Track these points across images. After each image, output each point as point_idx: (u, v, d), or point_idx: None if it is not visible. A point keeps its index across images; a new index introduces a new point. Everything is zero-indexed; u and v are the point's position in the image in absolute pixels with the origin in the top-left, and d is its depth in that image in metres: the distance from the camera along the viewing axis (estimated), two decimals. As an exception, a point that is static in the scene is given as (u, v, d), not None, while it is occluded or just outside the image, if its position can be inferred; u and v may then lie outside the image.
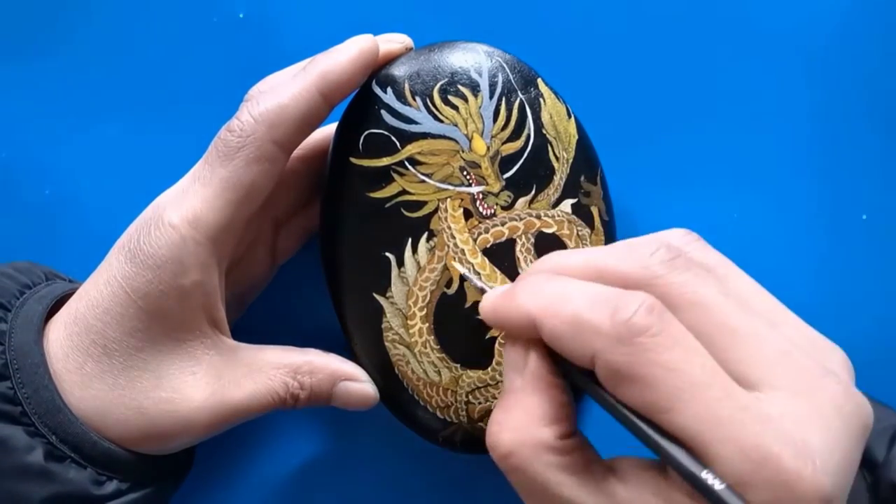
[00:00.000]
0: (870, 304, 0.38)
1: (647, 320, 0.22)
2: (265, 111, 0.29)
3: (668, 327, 0.22)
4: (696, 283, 0.24)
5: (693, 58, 0.39)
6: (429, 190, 0.32)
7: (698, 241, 0.26)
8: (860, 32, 0.39)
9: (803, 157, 0.39)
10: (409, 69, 0.32)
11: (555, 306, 0.24)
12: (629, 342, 0.22)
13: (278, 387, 0.31)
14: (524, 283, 0.26)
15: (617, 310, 0.22)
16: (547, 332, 0.24)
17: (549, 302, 0.24)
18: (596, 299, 0.23)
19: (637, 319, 0.22)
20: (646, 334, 0.22)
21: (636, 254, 0.24)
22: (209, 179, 0.29)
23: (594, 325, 0.23)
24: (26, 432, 0.28)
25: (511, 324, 0.26)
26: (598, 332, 0.23)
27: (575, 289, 0.24)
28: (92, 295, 0.30)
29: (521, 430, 0.24)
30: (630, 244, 0.25)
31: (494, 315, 0.27)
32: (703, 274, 0.24)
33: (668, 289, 0.23)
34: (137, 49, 0.39)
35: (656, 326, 0.22)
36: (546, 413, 0.24)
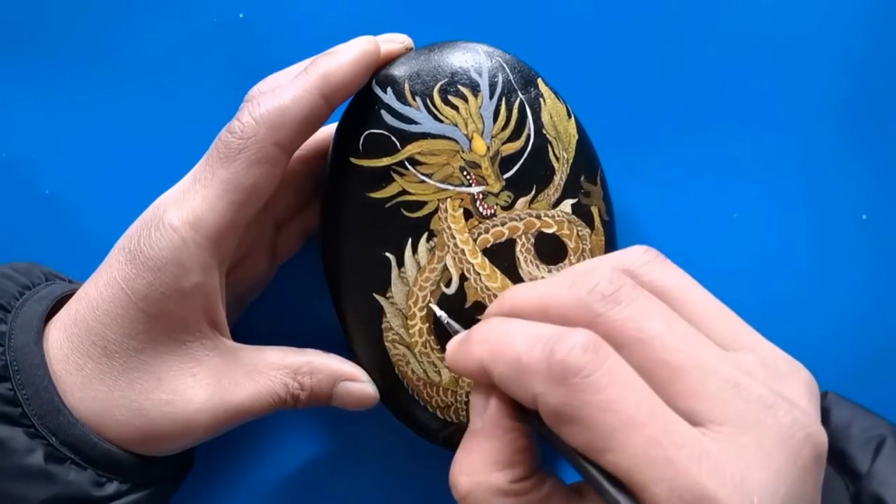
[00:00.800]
0: (869, 303, 0.38)
1: (581, 360, 0.22)
2: (266, 112, 0.29)
3: (603, 365, 0.22)
4: (640, 318, 0.23)
5: (693, 58, 0.39)
6: (429, 190, 0.32)
7: (657, 258, 0.26)
8: (860, 33, 0.39)
9: (803, 156, 0.39)
10: (409, 69, 0.32)
11: (499, 350, 0.24)
12: (563, 383, 0.22)
13: (278, 387, 0.31)
14: (477, 329, 0.26)
15: (552, 351, 0.22)
16: (496, 377, 0.24)
17: (494, 346, 0.24)
18: (536, 340, 0.23)
19: (570, 359, 0.22)
20: (580, 374, 0.22)
21: (577, 288, 0.24)
22: (210, 181, 0.29)
23: (533, 366, 0.23)
24: (26, 434, 0.28)
25: (466, 372, 0.26)
26: (536, 374, 0.23)
27: (517, 330, 0.24)
28: (92, 296, 0.30)
29: (476, 475, 0.25)
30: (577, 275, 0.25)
31: (453, 363, 0.27)
32: (648, 305, 0.24)
33: (610, 326, 0.23)
34: (138, 49, 0.39)
35: (589, 366, 0.22)
36: (500, 458, 0.25)
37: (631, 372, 0.22)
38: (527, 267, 0.33)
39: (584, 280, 0.24)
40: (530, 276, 0.33)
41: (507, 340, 0.24)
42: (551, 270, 0.33)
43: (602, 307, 0.23)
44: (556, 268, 0.33)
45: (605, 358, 0.22)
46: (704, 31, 0.39)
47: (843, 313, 0.38)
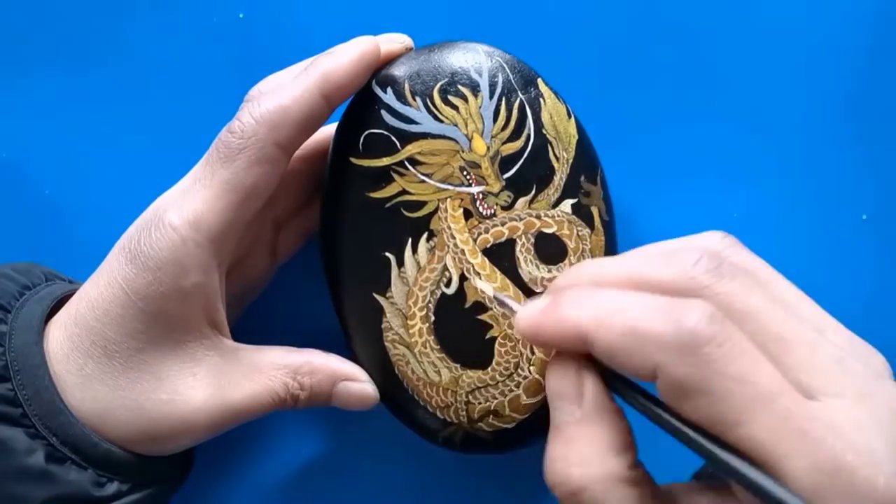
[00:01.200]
0: (870, 303, 0.38)
1: (711, 329, 0.21)
2: (266, 112, 0.29)
3: (733, 336, 0.21)
4: (744, 292, 0.23)
5: (693, 58, 0.39)
6: (429, 190, 0.32)
7: (736, 244, 0.25)
8: (860, 33, 0.39)
9: (803, 156, 0.39)
10: (409, 69, 0.32)
11: (608, 318, 0.23)
12: (695, 353, 0.21)
13: (278, 387, 0.31)
14: (568, 296, 0.24)
15: (679, 319, 0.21)
16: (601, 346, 0.23)
17: (601, 314, 0.23)
18: (654, 309, 0.22)
19: (701, 328, 0.21)
20: (711, 344, 0.21)
21: (679, 262, 0.23)
22: (210, 181, 0.29)
23: (655, 335, 0.22)
24: (27, 434, 0.28)
25: (557, 340, 0.24)
26: (659, 344, 0.21)
27: (628, 298, 0.23)
28: (92, 296, 0.30)
29: (594, 465, 0.23)
30: (668, 252, 0.24)
31: (536, 331, 0.25)
32: (749, 281, 0.23)
33: (717, 299, 0.22)
34: (137, 49, 0.39)
35: (720, 335, 0.21)
36: (616, 443, 0.23)
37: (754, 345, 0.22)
38: (527, 267, 0.33)
39: (683, 255, 0.23)
40: (530, 276, 0.33)
41: (618, 307, 0.23)
42: (551, 270, 0.33)
43: (708, 279, 0.23)
44: (556, 268, 0.33)
45: (733, 329, 0.22)
46: (704, 31, 0.39)
47: (843, 313, 0.38)
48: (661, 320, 0.22)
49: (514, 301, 0.30)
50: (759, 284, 0.23)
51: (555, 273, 0.33)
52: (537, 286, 0.33)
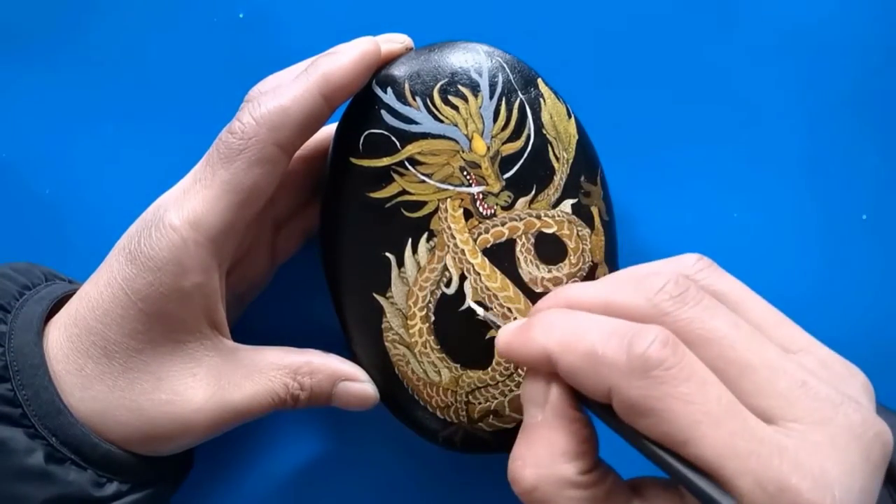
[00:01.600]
0: (870, 304, 0.38)
1: (662, 353, 0.22)
2: (266, 113, 0.29)
3: (683, 360, 0.22)
4: (707, 318, 0.23)
5: (693, 58, 0.39)
6: (429, 190, 0.32)
7: (710, 266, 0.26)
8: (859, 33, 0.39)
9: (803, 157, 0.39)
10: (410, 69, 0.32)
11: (570, 341, 0.24)
12: (645, 376, 0.22)
13: (278, 388, 0.31)
14: (538, 319, 0.26)
15: (632, 344, 0.23)
16: (563, 368, 0.24)
17: (565, 337, 0.24)
18: (611, 334, 0.23)
19: (652, 353, 0.22)
20: (661, 367, 0.22)
21: (645, 289, 0.24)
22: (210, 181, 0.29)
23: (609, 359, 0.23)
24: (26, 434, 0.28)
25: (526, 360, 0.26)
26: (613, 367, 0.23)
27: (590, 323, 0.24)
28: (92, 296, 0.30)
29: (544, 467, 0.24)
30: (640, 277, 0.25)
31: (508, 350, 0.26)
32: (714, 306, 0.24)
33: (678, 325, 0.23)
34: (138, 49, 0.39)
35: (671, 359, 0.22)
36: (568, 448, 0.24)
37: (707, 369, 0.23)
38: (527, 267, 0.33)
39: (649, 281, 0.25)
40: (530, 276, 0.33)
41: (580, 331, 0.24)
42: (551, 270, 0.33)
43: (670, 306, 0.24)
44: (556, 268, 0.33)
45: (684, 353, 0.23)
46: (704, 31, 0.39)
47: (843, 313, 0.38)
48: (615, 345, 0.23)
49: (500, 320, 0.32)
50: (723, 309, 0.24)
51: (555, 273, 0.33)
52: (537, 286, 0.33)
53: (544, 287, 0.33)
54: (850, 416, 0.22)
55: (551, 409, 0.25)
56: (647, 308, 0.24)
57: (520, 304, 0.32)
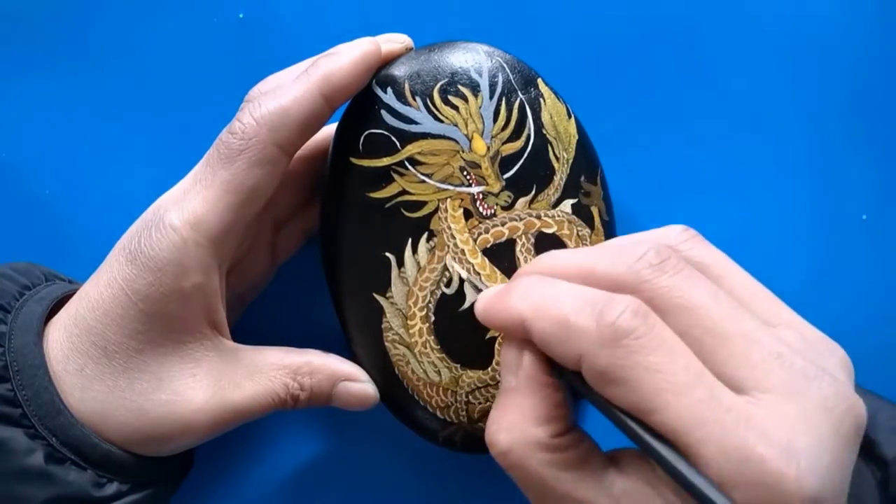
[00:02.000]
0: (870, 303, 0.38)
1: (632, 323, 0.23)
2: (267, 114, 0.29)
3: (653, 330, 0.23)
4: (686, 287, 0.24)
5: (693, 58, 0.39)
6: (429, 190, 0.32)
7: (695, 237, 0.26)
8: (860, 32, 0.39)
9: (803, 156, 0.39)
10: (410, 69, 0.32)
11: (544, 308, 0.24)
12: (613, 345, 0.22)
13: (278, 388, 0.31)
14: (516, 284, 0.26)
15: (602, 313, 0.23)
16: (536, 334, 0.25)
17: (539, 304, 0.25)
18: (583, 302, 0.24)
19: (621, 322, 0.23)
20: (630, 336, 0.22)
21: (625, 256, 0.25)
22: (210, 181, 0.29)
23: (580, 327, 0.23)
24: (26, 434, 0.28)
25: (502, 324, 0.26)
26: (583, 335, 0.23)
27: (563, 291, 0.25)
28: (92, 296, 0.30)
29: (516, 430, 0.25)
30: (621, 245, 0.26)
31: (486, 314, 0.27)
32: (694, 276, 0.24)
33: (656, 293, 0.24)
34: (138, 49, 0.39)
35: (640, 329, 0.22)
36: (540, 413, 0.25)
37: (677, 338, 0.23)
38: (527, 267, 0.33)
39: (630, 250, 0.25)
40: (530, 276, 0.33)
41: (554, 299, 0.24)
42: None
43: (649, 274, 0.24)
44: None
45: (654, 323, 0.23)
46: (704, 31, 0.39)
47: (843, 313, 0.38)
48: (587, 314, 0.23)
49: (482, 283, 0.32)
50: (703, 279, 0.24)
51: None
52: (537, 286, 0.33)
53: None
54: (824, 390, 0.22)
55: (524, 375, 0.26)
56: (626, 275, 0.24)
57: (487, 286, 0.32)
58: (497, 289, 0.27)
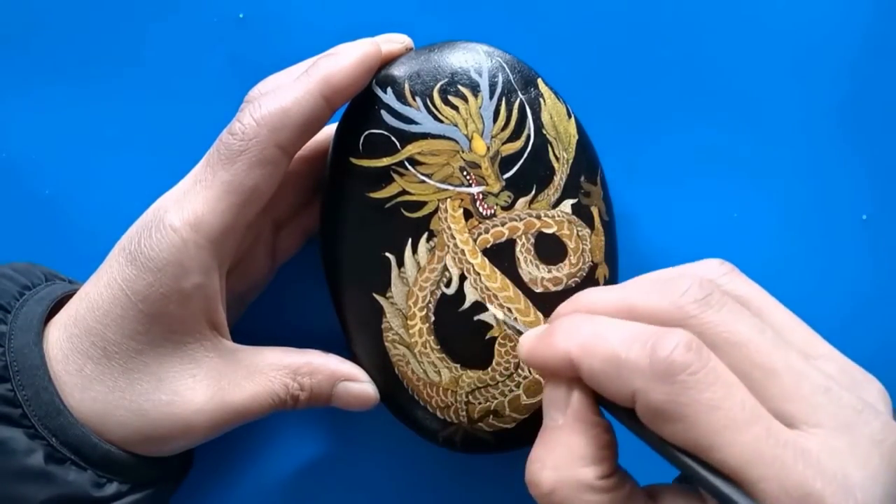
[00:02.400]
0: (870, 303, 0.38)
1: (686, 357, 0.22)
2: (267, 114, 0.29)
3: (707, 364, 0.22)
4: (731, 321, 0.23)
5: (693, 58, 0.39)
6: (429, 190, 0.32)
7: (733, 271, 0.26)
8: (859, 32, 0.39)
9: (803, 156, 0.39)
10: (409, 69, 0.32)
11: (592, 346, 0.24)
12: (669, 380, 0.22)
13: (278, 388, 0.31)
14: (560, 324, 0.26)
15: (655, 348, 0.22)
16: (586, 372, 0.24)
17: (587, 342, 0.24)
18: (634, 338, 0.23)
19: (676, 357, 0.22)
20: (685, 372, 0.22)
21: (669, 292, 0.24)
22: (211, 182, 0.29)
23: (633, 363, 0.23)
24: (26, 434, 0.28)
25: (549, 365, 0.26)
26: (637, 371, 0.23)
27: (612, 328, 0.24)
28: (92, 297, 0.30)
29: (563, 470, 0.24)
30: (662, 280, 0.25)
31: (531, 357, 0.26)
32: (738, 310, 0.24)
33: (703, 328, 0.23)
34: (137, 49, 0.39)
35: (695, 364, 0.22)
36: (588, 453, 0.24)
37: (730, 373, 0.23)
38: (527, 267, 0.33)
39: (673, 284, 0.24)
40: (530, 276, 0.33)
41: (601, 336, 0.24)
42: (551, 270, 0.33)
43: (695, 309, 0.24)
44: (555, 268, 0.33)
45: (709, 357, 0.22)
46: (704, 32, 0.39)
47: (843, 313, 0.38)
48: (639, 349, 0.23)
49: (523, 326, 0.32)
50: (749, 313, 0.24)
51: (555, 273, 0.33)
52: (537, 286, 0.33)
53: (544, 287, 0.33)
54: (871, 423, 0.22)
55: (572, 414, 0.25)
56: (671, 311, 0.24)
57: (520, 304, 0.32)
58: (538, 330, 0.27)
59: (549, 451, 0.25)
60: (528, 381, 0.32)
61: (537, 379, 0.32)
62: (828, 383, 0.23)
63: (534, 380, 0.32)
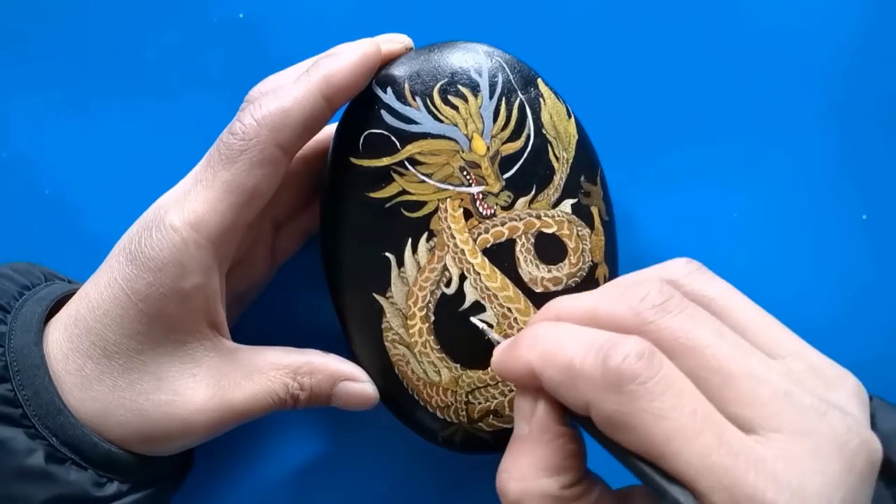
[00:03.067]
0: (870, 303, 0.38)
1: (637, 367, 0.22)
2: (268, 114, 0.29)
3: (658, 373, 0.22)
4: (689, 327, 0.23)
5: (693, 58, 0.39)
6: (429, 190, 0.32)
7: (699, 269, 0.26)
8: (858, 33, 0.39)
9: (803, 157, 0.39)
10: (409, 69, 0.32)
11: (550, 355, 0.24)
12: (619, 390, 0.22)
13: (278, 388, 0.31)
14: (524, 334, 0.26)
15: (607, 357, 0.23)
16: (545, 381, 0.24)
17: (546, 351, 0.24)
18: (589, 346, 0.23)
19: (626, 366, 0.22)
20: (635, 381, 0.22)
21: (628, 298, 0.24)
22: (211, 182, 0.29)
23: (586, 373, 0.23)
24: (27, 434, 0.28)
25: (514, 376, 0.26)
26: (589, 381, 0.23)
27: (568, 335, 0.24)
28: (92, 297, 0.30)
29: (527, 481, 0.25)
30: (624, 286, 0.25)
31: (500, 369, 0.27)
32: (698, 314, 0.24)
33: (660, 334, 0.23)
34: (137, 49, 0.39)
35: (645, 373, 0.22)
36: (551, 463, 0.25)
37: (685, 379, 0.22)
38: (527, 267, 0.33)
39: (633, 291, 0.24)
40: (530, 276, 0.33)
41: (559, 345, 0.24)
42: (551, 270, 0.33)
43: (652, 315, 0.24)
44: (555, 268, 0.33)
45: (660, 366, 0.22)
46: (704, 31, 0.39)
47: (842, 313, 0.38)
48: (591, 358, 0.23)
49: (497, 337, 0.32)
50: (707, 317, 0.24)
51: (555, 273, 0.33)
52: (537, 286, 0.33)
53: (544, 287, 0.33)
54: (835, 426, 0.22)
55: (537, 423, 0.25)
56: (630, 318, 0.24)
57: (520, 303, 0.32)
58: (508, 341, 0.27)
59: (514, 461, 0.25)
60: (528, 381, 0.32)
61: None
62: (789, 387, 0.22)
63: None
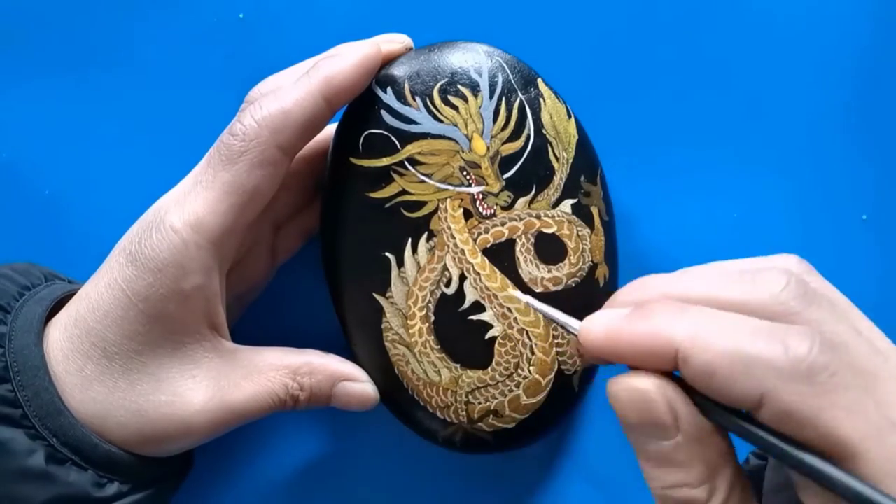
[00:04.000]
0: (870, 304, 0.38)
1: (825, 358, 0.20)
2: (268, 115, 0.29)
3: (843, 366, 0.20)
4: (832, 322, 0.22)
5: (693, 58, 0.39)
6: (429, 190, 0.32)
7: (813, 270, 0.24)
8: (859, 33, 0.39)
9: (803, 157, 0.39)
10: (409, 69, 0.32)
11: (707, 337, 0.21)
12: (808, 381, 0.20)
13: (278, 388, 0.31)
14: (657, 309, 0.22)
15: (789, 346, 0.20)
16: (697, 366, 0.21)
17: (699, 331, 0.21)
18: (756, 331, 0.21)
19: (815, 356, 0.20)
20: (825, 373, 0.20)
21: (765, 284, 0.22)
22: (211, 183, 0.29)
23: (765, 360, 0.20)
24: (27, 435, 0.28)
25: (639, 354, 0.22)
26: (770, 369, 0.20)
27: (729, 319, 0.21)
28: (92, 297, 0.30)
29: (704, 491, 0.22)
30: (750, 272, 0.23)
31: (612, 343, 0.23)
32: (833, 310, 0.22)
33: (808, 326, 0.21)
34: (137, 49, 0.39)
35: (833, 365, 0.20)
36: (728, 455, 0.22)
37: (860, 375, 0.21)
38: (527, 267, 0.33)
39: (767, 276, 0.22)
40: (530, 275, 0.33)
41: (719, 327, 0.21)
42: (551, 270, 0.33)
43: (798, 305, 0.22)
44: (555, 268, 0.33)
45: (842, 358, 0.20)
46: (705, 31, 0.39)
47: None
48: (771, 345, 0.20)
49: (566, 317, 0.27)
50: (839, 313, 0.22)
51: (554, 273, 0.33)
52: (537, 286, 0.33)
53: (544, 287, 0.33)
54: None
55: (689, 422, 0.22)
56: (770, 306, 0.22)
57: (519, 303, 0.32)
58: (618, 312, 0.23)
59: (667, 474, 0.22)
60: (528, 381, 0.32)
61: (537, 379, 0.32)
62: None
63: (534, 380, 0.32)
